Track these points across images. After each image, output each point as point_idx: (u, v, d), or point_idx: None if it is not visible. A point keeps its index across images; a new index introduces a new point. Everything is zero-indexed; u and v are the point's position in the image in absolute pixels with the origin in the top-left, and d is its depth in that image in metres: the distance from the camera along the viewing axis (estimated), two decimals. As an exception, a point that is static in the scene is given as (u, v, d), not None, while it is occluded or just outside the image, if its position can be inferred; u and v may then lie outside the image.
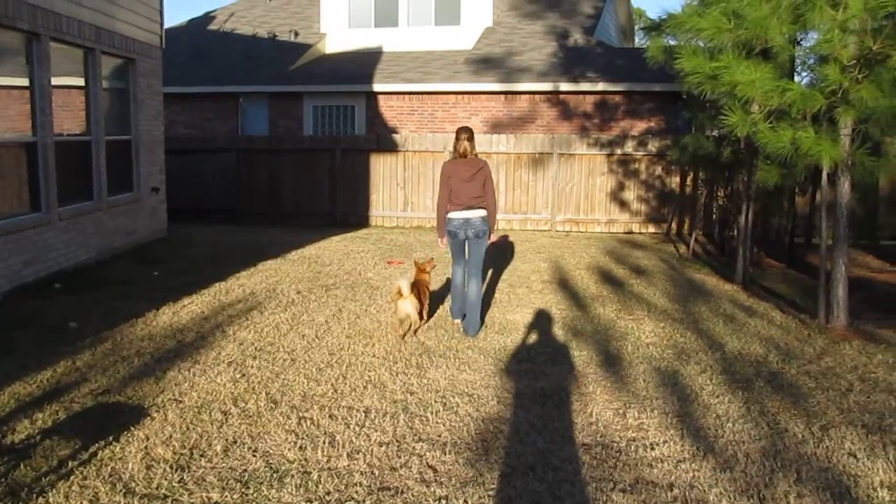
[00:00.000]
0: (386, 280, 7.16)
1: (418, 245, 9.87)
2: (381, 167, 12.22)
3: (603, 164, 11.57)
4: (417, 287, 5.15)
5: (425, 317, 5.33)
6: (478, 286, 5.28)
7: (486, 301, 6.29)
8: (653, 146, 11.38)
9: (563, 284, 7.13)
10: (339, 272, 7.54)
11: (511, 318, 5.74)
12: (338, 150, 12.21)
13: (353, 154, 12.19)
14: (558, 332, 5.39)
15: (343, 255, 8.71)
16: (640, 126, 12.79)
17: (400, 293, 4.96)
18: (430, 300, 5.49)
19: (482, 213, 5.24)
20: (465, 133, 5.30)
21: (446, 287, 6.51)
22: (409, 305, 4.97)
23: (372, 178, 12.26)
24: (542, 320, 5.71)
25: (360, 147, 12.21)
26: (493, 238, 5.37)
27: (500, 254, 8.99)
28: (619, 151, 11.51)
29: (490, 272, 7.58)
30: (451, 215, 5.25)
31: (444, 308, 6.02)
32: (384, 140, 12.25)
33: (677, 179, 11.43)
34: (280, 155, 12.39)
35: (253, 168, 12.49)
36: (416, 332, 5.17)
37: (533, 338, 5.23)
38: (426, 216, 12.10)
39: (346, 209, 12.31)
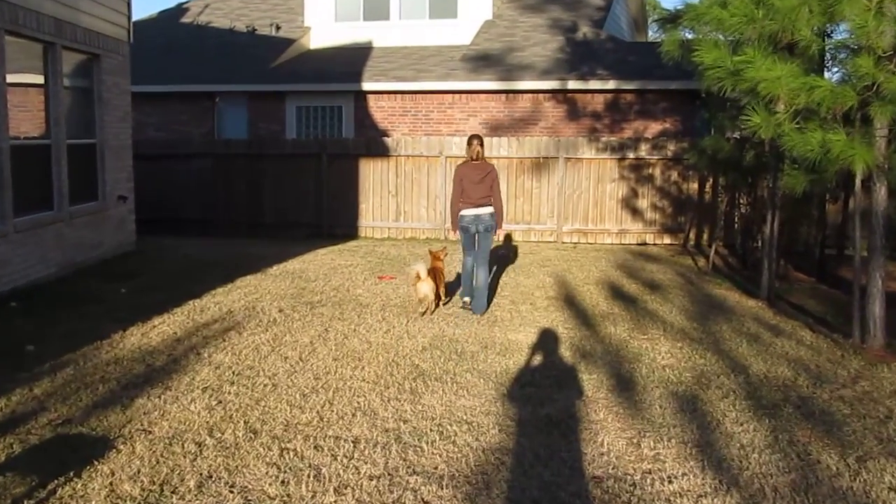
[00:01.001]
0: (376, 297, 7.19)
1: (412, 258, 9.88)
2: (372, 173, 12.28)
3: (613, 169, 11.64)
4: (433, 273, 6.55)
5: (442, 297, 6.80)
6: (485, 274, 6.74)
7: (487, 319, 6.37)
8: (668, 149, 11.45)
9: (571, 301, 7.15)
10: (326, 288, 7.56)
11: (513, 338, 5.76)
12: (324, 155, 12.27)
13: (341, 159, 12.25)
14: (565, 353, 5.39)
15: (330, 269, 8.73)
16: (654, 128, 12.88)
17: (418, 276, 6.42)
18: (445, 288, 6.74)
19: (490, 209, 6.74)
20: (477, 140, 6.83)
21: (456, 282, 7.37)
22: (426, 287, 6.40)
23: (361, 185, 12.31)
24: (547, 340, 5.72)
25: (349, 151, 12.27)
26: (501, 233, 6.98)
27: (500, 266, 9.03)
28: (631, 155, 11.58)
29: (491, 286, 7.65)
30: (464, 212, 6.72)
31: (438, 325, 6.07)
32: (374, 144, 12.31)
33: (695, 186, 11.51)
34: (261, 160, 12.46)
35: (231, 175, 12.55)
36: (432, 312, 6.53)
37: (537, 360, 5.24)
38: (420, 226, 12.13)
39: (333, 219, 12.35)
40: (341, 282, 7.95)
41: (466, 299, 6.77)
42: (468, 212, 6.71)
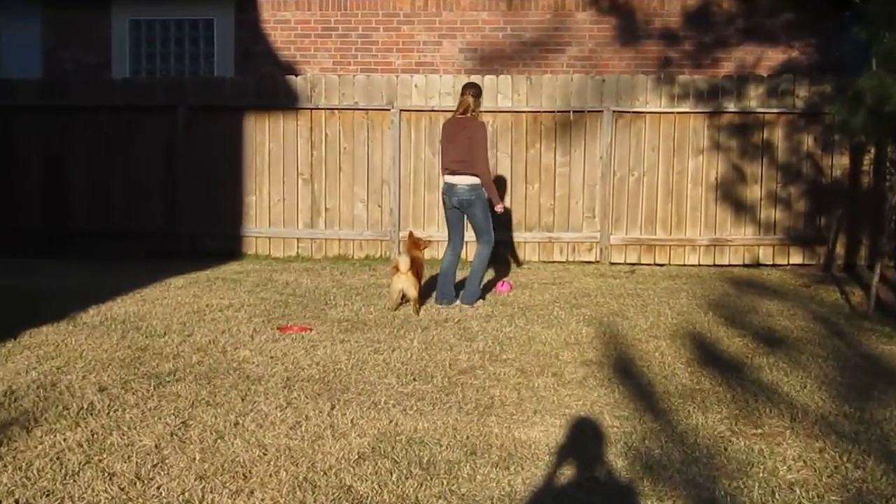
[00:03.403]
0: (275, 364, 7.24)
1: (341, 295, 9.86)
2: (268, 141, 12.31)
3: (700, 131, 11.80)
4: (414, 266, 8.92)
5: (415, 298, 8.94)
6: (478, 250, 9.37)
7: (476, 401, 6.40)
8: (797, 97, 11.62)
9: (625, 368, 7.21)
10: (184, 349, 7.58)
11: (523, 437, 5.73)
12: (181, 109, 12.27)
13: (212, 116, 12.27)
14: (616, 462, 5.36)
15: (191, 314, 8.74)
16: (771, 58, 13.06)
17: (397, 268, 8.86)
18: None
19: (469, 180, 9.08)
20: (471, 89, 9.25)
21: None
22: (404, 281, 8.80)
23: (248, 162, 12.35)
24: (583, 440, 5.71)
25: (225, 102, 12.28)
26: (500, 208, 9.42)
27: (500, 306, 9.06)
28: (731, 107, 11.72)
29: (481, 338, 7.99)
30: (444, 179, 9.33)
31: (385, 411, 6.08)
32: (273, 88, 12.33)
33: (845, 161, 11.68)
34: (67, 117, 12.45)
35: (13, 142, 12.45)
36: (418, 311, 8.97)
37: (565, 475, 5.23)
38: (355, 236, 12.20)
39: (198, 225, 12.38)
40: (212, 337, 7.93)
41: (441, 305, 8.75)
42: (445, 179, 9.36)
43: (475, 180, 9.17)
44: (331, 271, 11.37)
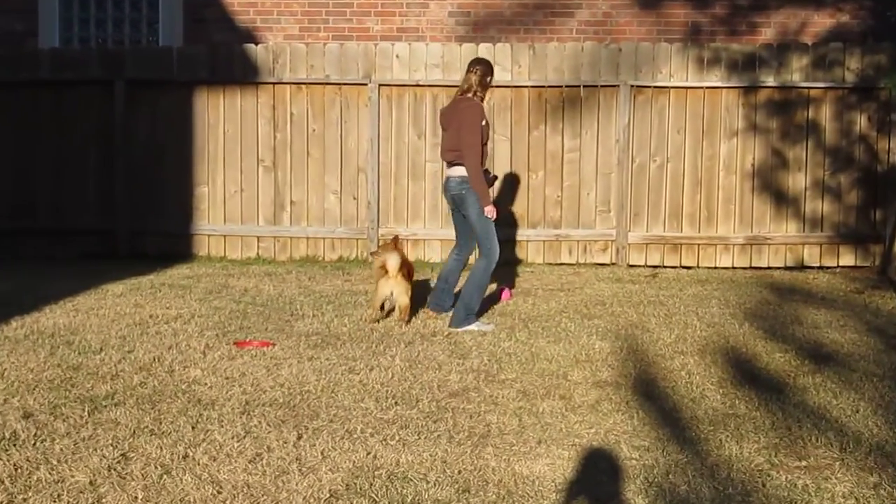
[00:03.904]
0: (232, 386, 7.22)
1: (310, 304, 9.87)
2: (222, 122, 12.32)
3: (733, 108, 11.82)
4: (406, 269, 9.01)
5: (401, 311, 9.03)
6: (473, 269, 9.23)
7: (469, 430, 6.37)
8: (847, 69, 11.64)
9: (645, 389, 7.21)
10: (124, 368, 7.57)
11: (525, 471, 5.68)
12: (120, 85, 12.26)
13: (156, 92, 12.29)
14: (635, 502, 5.32)
15: (132, 327, 8.78)
16: (816, 23, 13.07)
17: (385, 269, 8.78)
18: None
19: (460, 171, 8.94)
20: (476, 66, 9.15)
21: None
22: (394, 285, 8.85)
23: (199, 147, 12.35)
24: (594, 475, 5.66)
25: (172, 76, 12.30)
26: (491, 212, 8.94)
27: (498, 315, 9.12)
28: (769, 81, 11.74)
29: (475, 354, 8.12)
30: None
31: (363, 441, 6.02)
32: (228, 59, 12.33)
33: (906, 146, 11.65)
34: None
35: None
36: (407, 323, 9.02)
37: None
38: (325, 234, 12.22)
39: (140, 221, 12.43)
40: (157, 354, 7.95)
41: (430, 311, 9.20)
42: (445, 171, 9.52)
43: (461, 171, 9.16)
44: (297, 276, 11.40)
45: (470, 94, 9.08)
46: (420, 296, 9.69)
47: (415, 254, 11.81)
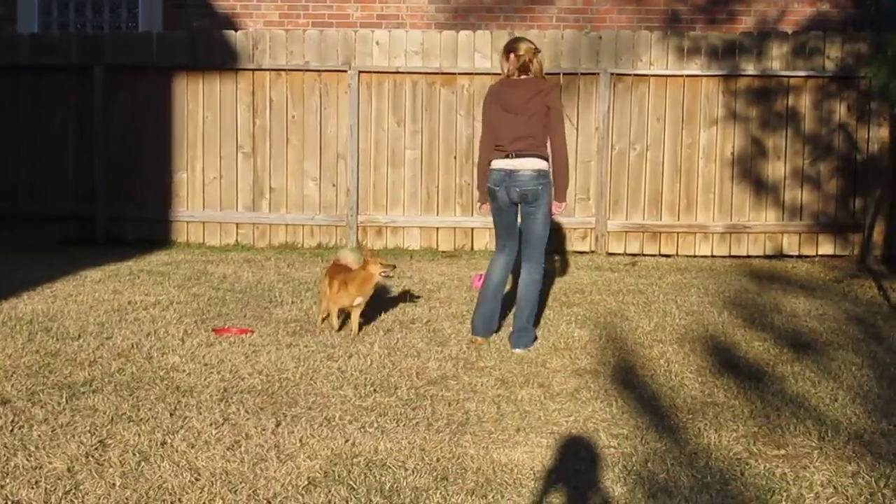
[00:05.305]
0: (210, 373, 7.21)
1: (289, 291, 9.85)
2: (201, 109, 12.26)
3: (713, 97, 11.83)
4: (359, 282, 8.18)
5: (354, 325, 8.36)
6: (530, 276, 8.10)
7: (448, 418, 6.38)
8: (827, 57, 11.64)
9: (624, 378, 7.22)
10: (102, 355, 7.56)
11: (503, 459, 5.70)
12: (99, 70, 12.22)
13: (135, 78, 12.25)
14: (614, 490, 5.32)
15: (110, 313, 8.77)
16: (797, 12, 13.05)
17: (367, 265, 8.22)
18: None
19: (537, 164, 7.82)
20: (525, 43, 7.88)
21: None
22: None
23: (178, 133, 12.31)
24: (573, 463, 5.68)
25: (151, 61, 12.25)
26: (558, 209, 8.07)
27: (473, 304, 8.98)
28: (749, 69, 11.76)
29: (454, 342, 8.15)
30: (494, 164, 7.91)
31: (341, 427, 6.03)
32: (207, 45, 12.28)
33: (884, 133, 11.72)
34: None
35: None
36: (356, 333, 8.31)
37: (554, 505, 5.26)
38: (305, 220, 12.21)
39: (119, 207, 12.38)
40: (135, 340, 7.95)
41: (478, 338, 8.10)
42: (498, 164, 7.92)
43: (544, 165, 7.91)
44: (276, 263, 11.37)
45: (529, 74, 7.85)
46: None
47: (394, 241, 11.79)
